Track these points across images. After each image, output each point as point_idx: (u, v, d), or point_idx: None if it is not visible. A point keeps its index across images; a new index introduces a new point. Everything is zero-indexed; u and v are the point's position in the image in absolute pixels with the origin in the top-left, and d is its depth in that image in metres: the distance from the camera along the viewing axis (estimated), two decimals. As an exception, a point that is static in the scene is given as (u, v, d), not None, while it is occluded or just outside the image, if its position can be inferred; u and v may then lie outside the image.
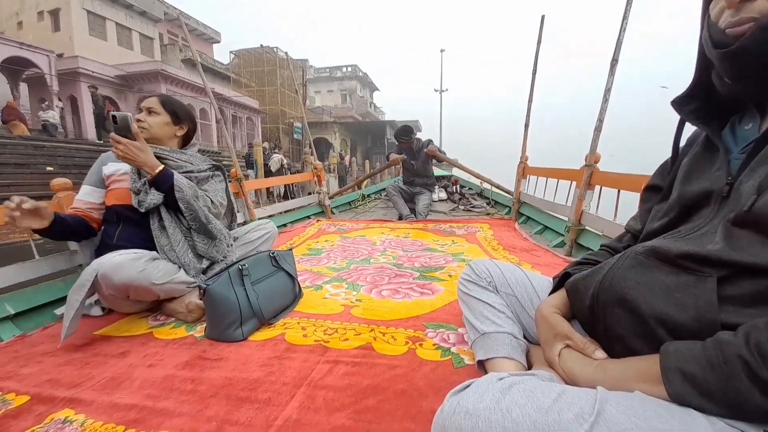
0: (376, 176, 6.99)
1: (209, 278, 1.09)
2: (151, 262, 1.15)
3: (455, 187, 4.21)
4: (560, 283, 0.69)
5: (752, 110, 0.52)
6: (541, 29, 2.64)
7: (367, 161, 20.51)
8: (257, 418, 0.72)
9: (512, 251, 2.03)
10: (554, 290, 0.70)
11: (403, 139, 3.57)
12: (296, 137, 18.12)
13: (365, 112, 30.21)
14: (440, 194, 4.07)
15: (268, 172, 10.75)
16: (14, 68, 12.08)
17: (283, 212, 3.09)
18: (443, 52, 22.49)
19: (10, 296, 1.27)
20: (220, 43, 23.90)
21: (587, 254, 0.73)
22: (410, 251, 2.06)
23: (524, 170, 3.00)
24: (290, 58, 4.64)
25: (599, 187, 1.94)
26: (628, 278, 0.52)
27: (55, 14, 14.70)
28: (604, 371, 0.51)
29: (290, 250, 1.40)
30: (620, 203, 1.76)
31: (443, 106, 21.83)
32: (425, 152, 3.50)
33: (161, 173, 1.20)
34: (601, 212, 1.93)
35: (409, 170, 3.64)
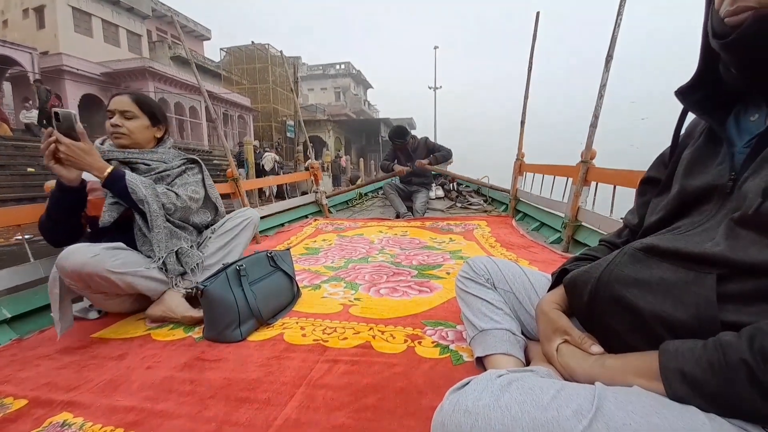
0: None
1: (206, 279, 1.09)
2: (111, 250, 1.09)
3: (452, 184, 4.21)
4: (558, 279, 0.68)
5: (758, 100, 0.50)
6: (536, 26, 2.64)
7: (361, 159, 20.45)
8: (257, 418, 0.72)
9: (510, 248, 2.04)
10: (552, 286, 0.70)
11: (397, 141, 3.52)
12: (289, 135, 18.00)
13: (359, 109, 30.05)
14: (437, 192, 4.07)
15: (261, 171, 10.61)
16: (-3, 66, 11.84)
17: (280, 212, 3.07)
18: (437, 49, 22.70)
19: (6, 300, 1.26)
20: (210, 40, 23.71)
21: (586, 250, 0.73)
22: (408, 249, 2.06)
23: (521, 167, 3.00)
24: (283, 55, 4.60)
25: (595, 183, 1.95)
26: (626, 275, 0.52)
27: (39, 11, 14.44)
28: (601, 366, 0.51)
29: (288, 249, 1.39)
30: (616, 199, 1.77)
31: (437, 102, 22.01)
32: (416, 166, 3.47)
33: (111, 175, 1.11)
34: (597, 208, 1.94)
35: None
